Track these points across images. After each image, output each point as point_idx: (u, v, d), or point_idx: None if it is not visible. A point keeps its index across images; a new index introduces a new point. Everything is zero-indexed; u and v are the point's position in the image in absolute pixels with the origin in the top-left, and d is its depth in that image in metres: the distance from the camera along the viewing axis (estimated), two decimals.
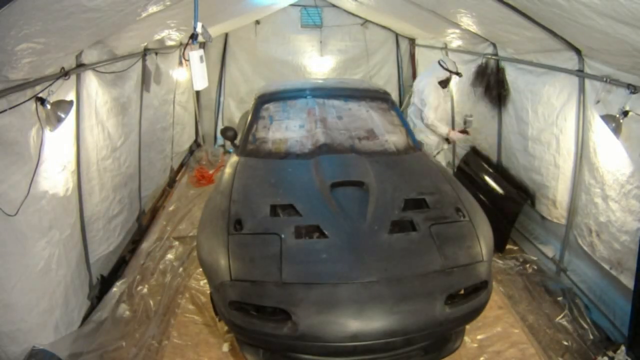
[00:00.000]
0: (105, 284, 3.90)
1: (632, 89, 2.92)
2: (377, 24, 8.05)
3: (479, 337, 3.40)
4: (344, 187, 3.47)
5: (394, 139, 4.43)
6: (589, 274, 3.75)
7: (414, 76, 8.09)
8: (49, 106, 2.75)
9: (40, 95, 2.71)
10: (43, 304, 2.87)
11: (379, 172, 3.72)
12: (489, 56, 5.05)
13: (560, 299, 3.86)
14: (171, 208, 5.70)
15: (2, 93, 2.36)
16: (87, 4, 2.19)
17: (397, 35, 8.19)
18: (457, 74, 5.28)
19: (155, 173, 5.65)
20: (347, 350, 2.67)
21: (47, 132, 2.87)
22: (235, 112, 8.23)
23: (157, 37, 4.74)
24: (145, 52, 4.77)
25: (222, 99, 8.26)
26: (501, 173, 5.05)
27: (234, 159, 4.22)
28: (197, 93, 7.95)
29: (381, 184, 3.55)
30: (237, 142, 4.59)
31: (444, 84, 5.26)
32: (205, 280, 3.42)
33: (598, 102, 3.36)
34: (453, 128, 5.62)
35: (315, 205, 3.31)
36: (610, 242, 3.35)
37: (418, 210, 3.35)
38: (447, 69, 5.21)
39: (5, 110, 2.38)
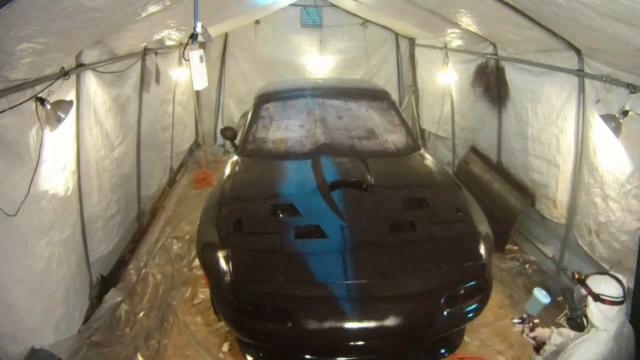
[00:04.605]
0: (105, 283, 3.90)
1: (632, 88, 2.91)
2: (377, 24, 8.05)
3: (479, 336, 3.40)
4: (344, 187, 3.47)
5: (394, 138, 4.43)
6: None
7: (414, 76, 8.09)
8: (48, 106, 2.74)
9: (40, 95, 2.70)
10: (43, 304, 2.87)
11: (379, 171, 3.72)
12: (489, 56, 5.04)
13: (560, 298, 3.85)
14: (171, 208, 5.70)
15: (2, 93, 2.35)
16: (87, 4, 2.18)
17: (397, 35, 8.19)
18: None
19: (155, 173, 5.65)
20: (347, 349, 2.67)
21: (47, 132, 2.86)
22: (235, 112, 8.22)
23: (157, 37, 4.74)
24: (145, 52, 4.77)
25: (222, 98, 8.26)
26: (501, 173, 5.05)
27: (233, 158, 4.23)
28: (197, 93, 7.94)
29: (381, 183, 3.55)
30: (236, 142, 4.59)
31: None
32: (206, 280, 3.41)
33: (598, 101, 3.36)
34: (453, 132, 5.50)
35: (315, 205, 3.32)
36: (610, 242, 3.35)
37: (418, 210, 3.35)
38: None
39: (5, 110, 2.38)
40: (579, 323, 2.11)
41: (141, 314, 3.66)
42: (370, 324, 2.62)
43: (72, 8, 2.14)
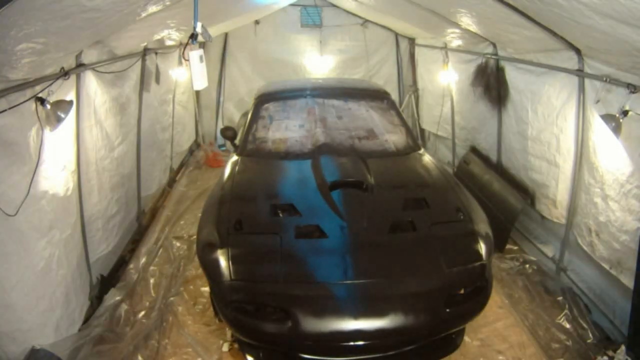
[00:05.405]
0: (105, 283, 3.90)
1: (632, 88, 2.91)
2: (377, 24, 8.05)
3: (479, 336, 3.40)
4: (344, 187, 3.47)
5: (394, 138, 4.43)
6: (589, 273, 3.75)
7: (414, 76, 8.09)
8: (48, 106, 2.75)
9: (40, 95, 2.70)
10: (43, 304, 2.87)
11: (379, 171, 3.72)
12: (489, 56, 5.04)
13: (560, 298, 3.85)
14: (171, 208, 5.71)
15: (2, 93, 2.35)
16: (87, 4, 2.18)
17: (396, 34, 8.19)
18: None
19: (155, 173, 5.65)
20: (347, 349, 2.67)
21: (47, 132, 2.87)
22: (235, 112, 8.23)
23: (157, 37, 4.74)
24: (145, 52, 4.77)
25: (222, 98, 8.26)
26: (501, 173, 5.05)
27: (233, 158, 4.23)
28: (197, 93, 7.95)
29: (381, 183, 3.55)
30: (236, 141, 4.59)
31: None
32: (205, 280, 3.42)
33: (598, 101, 3.36)
34: (453, 132, 5.45)
35: (315, 204, 3.32)
36: (609, 242, 3.35)
37: (418, 210, 3.35)
38: None
39: (5, 110, 2.38)
40: None
41: (141, 314, 3.66)
42: (370, 324, 2.62)
43: (72, 8, 2.14)
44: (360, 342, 2.62)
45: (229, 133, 4.59)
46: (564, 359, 3.26)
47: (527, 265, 4.39)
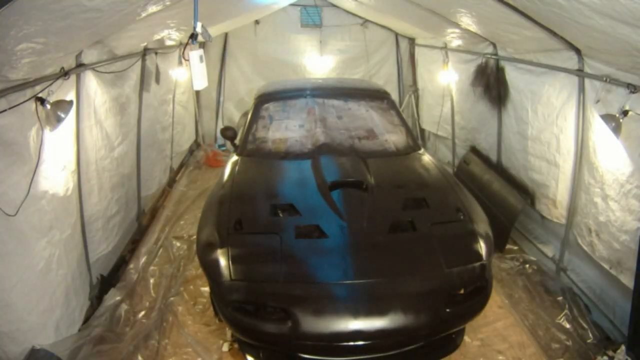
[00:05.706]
0: (105, 283, 3.90)
1: (632, 88, 2.91)
2: (376, 24, 8.05)
3: (479, 336, 3.40)
4: (344, 187, 3.47)
5: (394, 138, 4.44)
6: (589, 273, 3.75)
7: (414, 76, 8.09)
8: (48, 106, 2.75)
9: (40, 95, 2.70)
10: (43, 304, 2.87)
11: (379, 171, 3.72)
12: (489, 56, 5.05)
13: (560, 298, 3.85)
14: (171, 208, 5.71)
15: (2, 93, 2.35)
16: (87, 4, 2.18)
17: (396, 34, 8.20)
18: None
19: (155, 173, 5.65)
20: (347, 349, 2.67)
21: (47, 132, 2.87)
22: (235, 112, 8.23)
23: (157, 37, 4.74)
24: (145, 51, 4.77)
25: (222, 98, 8.26)
26: (501, 173, 5.05)
27: (233, 158, 4.23)
28: (197, 93, 7.95)
29: (381, 183, 3.55)
30: (236, 141, 4.59)
31: None
32: (205, 280, 3.42)
33: (598, 101, 3.36)
34: (453, 132, 5.45)
35: (315, 204, 3.32)
36: (609, 242, 3.35)
37: (418, 210, 3.35)
38: None
39: (5, 110, 2.38)
40: None
41: (141, 314, 3.66)
42: (370, 324, 2.62)
43: (71, 8, 2.14)
44: (361, 342, 2.62)
45: (229, 133, 4.59)
46: (564, 359, 3.26)
47: (527, 265, 4.39)
